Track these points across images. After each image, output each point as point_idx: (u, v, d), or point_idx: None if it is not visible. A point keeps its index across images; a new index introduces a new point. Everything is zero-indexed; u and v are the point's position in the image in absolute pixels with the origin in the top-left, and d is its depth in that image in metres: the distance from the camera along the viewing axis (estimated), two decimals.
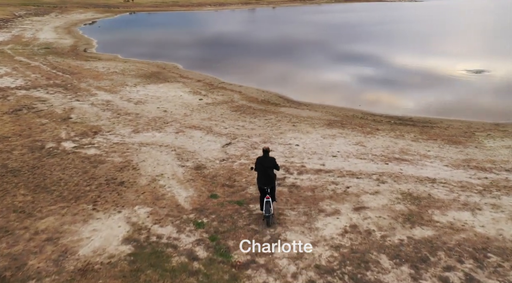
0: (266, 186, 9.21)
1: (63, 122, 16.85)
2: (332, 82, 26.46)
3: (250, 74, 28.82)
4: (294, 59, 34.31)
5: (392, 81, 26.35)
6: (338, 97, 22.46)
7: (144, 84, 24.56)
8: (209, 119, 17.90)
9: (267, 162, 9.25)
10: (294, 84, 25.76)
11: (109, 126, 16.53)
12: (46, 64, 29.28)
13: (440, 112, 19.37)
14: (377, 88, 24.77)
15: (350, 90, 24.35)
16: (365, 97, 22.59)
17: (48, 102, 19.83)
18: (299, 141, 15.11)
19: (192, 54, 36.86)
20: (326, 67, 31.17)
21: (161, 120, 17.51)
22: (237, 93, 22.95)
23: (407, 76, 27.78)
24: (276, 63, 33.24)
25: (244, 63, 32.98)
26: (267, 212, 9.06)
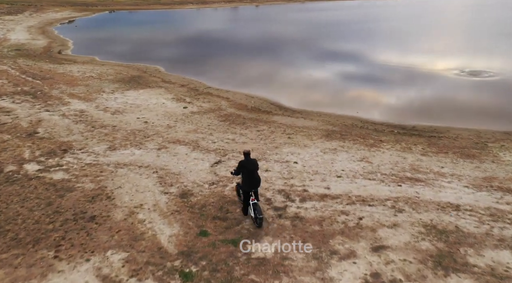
0: (254, 189, 9.13)
1: (28, 139, 14.72)
2: (325, 86, 24.86)
3: (237, 77, 26.99)
4: (283, 61, 32.62)
5: (384, 83, 24.95)
6: (334, 103, 20.88)
7: (123, 90, 22.47)
8: (195, 131, 16.03)
9: (252, 164, 9.15)
10: (284, 88, 24.06)
11: (81, 143, 14.49)
12: (15, 69, 26.82)
13: (444, 119, 17.98)
14: (373, 92, 23.30)
15: (345, 95, 22.81)
16: (362, 103, 21.07)
17: (12, 113, 17.60)
18: (297, 157, 13.41)
19: (175, 56, 34.78)
20: (317, 68, 29.59)
21: (141, 134, 15.54)
22: (224, 100, 21.10)
23: (401, 78, 26.42)
24: (265, 65, 31.49)
25: (230, 66, 31.11)
26: (260, 214, 8.91)
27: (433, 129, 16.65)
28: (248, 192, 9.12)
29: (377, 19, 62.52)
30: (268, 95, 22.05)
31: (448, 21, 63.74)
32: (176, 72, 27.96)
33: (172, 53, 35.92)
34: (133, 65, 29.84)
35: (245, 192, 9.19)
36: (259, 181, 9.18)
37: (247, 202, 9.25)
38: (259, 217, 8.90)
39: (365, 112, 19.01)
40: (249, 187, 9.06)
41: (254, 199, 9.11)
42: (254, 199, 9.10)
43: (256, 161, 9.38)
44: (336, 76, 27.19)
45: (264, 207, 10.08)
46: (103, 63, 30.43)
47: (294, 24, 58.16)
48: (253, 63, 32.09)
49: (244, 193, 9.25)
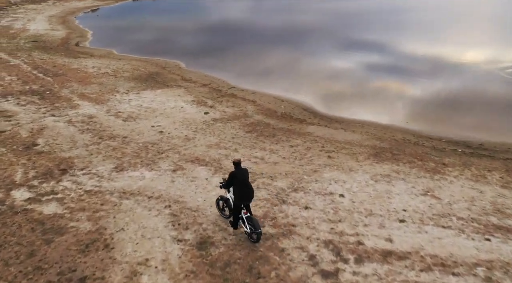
0: (248, 202, 8.18)
1: (24, 153, 12.52)
2: (365, 87, 21.74)
3: (264, 74, 24.18)
4: (312, 54, 29.51)
5: (435, 83, 21.59)
6: (377, 109, 17.87)
7: (139, 90, 20.11)
8: (217, 146, 13.48)
9: (243, 174, 8.15)
10: (317, 88, 21.13)
11: (84, 160, 12.18)
12: (28, 63, 24.87)
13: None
14: (423, 95, 20.01)
15: (390, 99, 19.66)
16: (411, 109, 17.95)
17: (14, 118, 15.48)
18: (342, 187, 10.68)
19: (197, 48, 32.18)
20: (352, 63, 26.35)
21: (155, 149, 13.11)
22: (250, 104, 18.43)
23: (453, 77, 22.95)
24: (294, 58, 28.45)
25: (256, 60, 28.27)
26: (258, 228, 7.96)
27: (508, 149, 13.52)
28: (241, 205, 8.11)
29: (409, 9, 57.91)
30: (299, 98, 19.25)
31: (489, 12, 58.48)
32: (197, 68, 25.42)
33: (194, 45, 33.37)
34: (151, 60, 27.47)
35: (238, 206, 8.13)
36: (253, 192, 8.20)
37: (238, 216, 8.23)
38: (258, 231, 7.93)
39: (416, 122, 15.98)
40: (242, 200, 8.06)
41: (247, 212, 8.16)
42: (246, 213, 8.15)
43: (247, 170, 8.28)
44: (375, 73, 23.95)
45: (309, 271, 7.45)
46: (120, 58, 28.19)
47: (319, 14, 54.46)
48: (280, 57, 29.15)
49: (236, 207, 8.18)
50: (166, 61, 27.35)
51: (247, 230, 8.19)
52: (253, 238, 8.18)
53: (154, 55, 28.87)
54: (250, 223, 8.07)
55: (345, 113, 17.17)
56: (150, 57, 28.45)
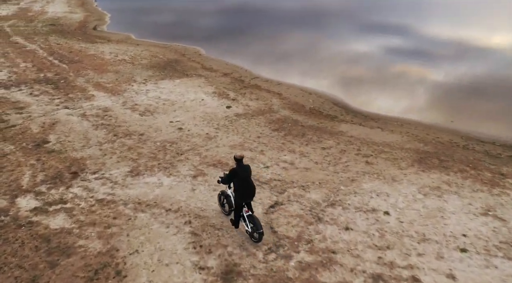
0: (250, 200, 7.75)
1: (34, 152, 11.48)
2: (402, 78, 19.88)
3: (289, 63, 22.52)
4: (342, 40, 27.53)
5: (481, 74, 19.55)
6: (416, 104, 16.13)
7: (157, 79, 18.85)
8: (241, 146, 12.16)
9: (246, 171, 7.62)
10: (349, 80, 19.42)
11: (97, 161, 11.06)
12: (44, 48, 23.88)
13: None
14: (469, 89, 18.06)
15: (431, 92, 17.77)
16: (456, 105, 16.12)
17: (26, 111, 14.48)
18: (386, 202, 9.24)
19: (217, 33, 30.60)
20: (386, 53, 24.34)
21: (174, 149, 11.89)
22: (276, 97, 16.95)
23: (498, 67, 20.80)
24: (321, 44, 26.58)
25: (280, 46, 26.53)
26: (260, 228, 7.51)
27: None
28: (242, 203, 7.67)
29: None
30: (329, 91, 17.65)
31: None
32: (218, 55, 23.96)
33: (214, 29, 31.79)
34: (170, 46, 26.11)
35: (239, 204, 7.68)
36: (254, 190, 7.73)
37: (240, 214, 7.79)
38: (260, 231, 7.52)
39: (463, 121, 14.23)
40: (243, 197, 7.61)
41: (248, 210, 7.73)
42: (248, 211, 7.72)
43: (249, 167, 7.73)
44: (411, 61, 21.95)
45: None
46: (138, 43, 26.92)
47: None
48: (305, 41, 27.29)
49: (237, 205, 7.75)
50: (186, 47, 25.95)
51: (248, 229, 7.78)
52: (254, 238, 7.75)
53: (173, 41, 27.50)
54: (252, 222, 7.64)
55: (380, 109, 15.51)
56: (169, 42, 27.10)
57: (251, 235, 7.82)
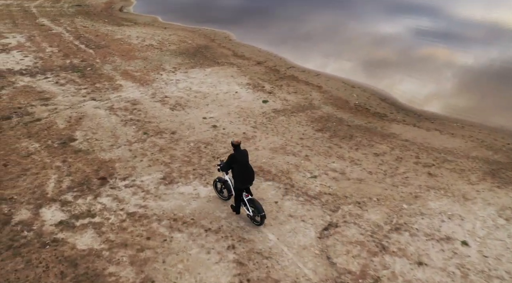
0: (250, 184, 7.70)
1: (59, 151, 10.51)
2: (459, 70, 17.86)
3: (328, 51, 20.75)
4: (386, 25, 25.37)
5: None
6: (477, 103, 14.30)
7: (187, 68, 17.58)
8: (283, 149, 10.84)
9: (245, 155, 7.56)
10: (397, 72, 17.57)
11: (127, 164, 9.99)
12: (70, 32, 22.90)
13: None
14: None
15: (496, 88, 15.74)
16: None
17: (52, 102, 13.53)
18: (461, 228, 7.80)
19: (249, 16, 28.86)
20: (441, 42, 22.08)
21: (209, 151, 10.69)
22: (316, 90, 15.43)
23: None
24: (362, 31, 24.52)
25: (316, 31, 24.64)
26: (262, 211, 7.48)
27: None
28: (242, 188, 7.66)
29: None
30: (373, 83, 15.96)
31: None
32: (249, 41, 22.40)
33: (244, 11, 30.07)
34: (199, 30, 24.66)
35: (239, 189, 7.66)
36: (254, 174, 7.75)
37: (240, 199, 7.79)
38: (262, 214, 7.54)
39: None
40: (243, 182, 7.61)
41: (248, 194, 7.74)
42: (248, 195, 7.73)
43: (247, 151, 7.80)
44: (471, 53, 19.76)
45: None
46: (166, 26, 25.60)
47: None
48: (342, 26, 25.26)
49: (237, 190, 7.73)
50: (215, 31, 24.46)
51: (250, 213, 7.75)
52: (256, 221, 7.76)
53: (201, 24, 26.04)
54: (252, 205, 7.61)
55: (435, 106, 13.80)
56: (197, 26, 25.66)
57: (252, 219, 7.81)
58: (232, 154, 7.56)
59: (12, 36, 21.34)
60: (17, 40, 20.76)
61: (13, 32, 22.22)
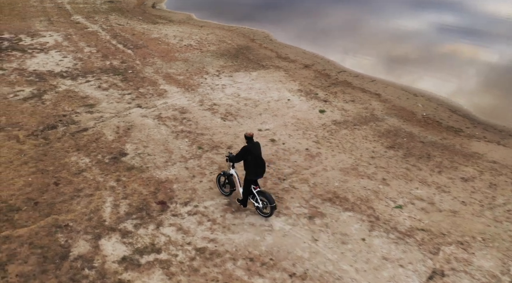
0: (261, 176, 7.83)
1: (111, 168, 9.58)
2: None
3: (383, 52, 19.26)
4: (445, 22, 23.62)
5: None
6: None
7: (231, 71, 16.49)
8: (355, 171, 9.63)
9: (257, 148, 7.68)
10: (467, 79, 16.00)
11: (186, 185, 8.99)
12: (106, 30, 22.08)
13: None
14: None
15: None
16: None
17: (96, 110, 12.65)
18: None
19: (287, 13, 27.45)
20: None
21: (274, 172, 9.58)
22: (374, 98, 14.10)
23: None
24: (418, 28, 22.89)
25: (363, 29, 23.10)
26: (273, 202, 7.52)
27: None
28: (252, 180, 7.67)
29: None
30: (437, 91, 14.50)
31: None
32: (291, 41, 21.13)
33: (282, 7, 28.64)
34: (236, 29, 23.49)
35: (249, 181, 7.65)
36: (265, 167, 7.79)
37: (249, 191, 7.77)
38: (273, 205, 7.51)
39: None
40: (256, 174, 7.67)
41: (257, 187, 7.73)
42: (257, 187, 7.73)
43: (259, 143, 7.78)
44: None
45: None
46: (202, 24, 24.52)
47: None
48: (400, 24, 23.59)
49: (247, 182, 7.70)
50: (253, 30, 23.24)
51: (259, 205, 7.76)
52: (265, 213, 7.80)
53: (237, 22, 24.84)
54: (263, 197, 7.64)
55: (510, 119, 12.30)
56: (234, 24, 24.46)
57: (260, 211, 7.84)
58: (246, 146, 7.62)
59: (49, 35, 20.66)
60: (54, 39, 20.05)
61: (49, 30, 21.55)
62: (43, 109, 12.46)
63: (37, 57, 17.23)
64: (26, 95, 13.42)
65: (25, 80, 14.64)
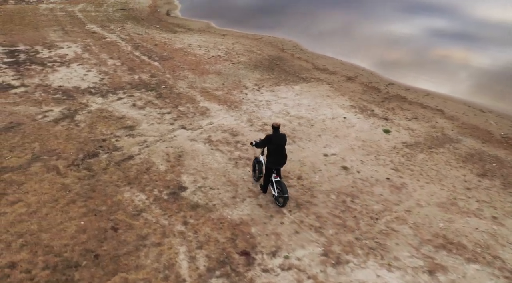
0: (280, 166, 8.11)
1: (173, 207, 8.16)
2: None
3: (429, 62, 18.04)
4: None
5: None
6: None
7: (270, 84, 15.16)
8: (455, 206, 8.31)
9: (281, 139, 7.94)
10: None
11: (265, 229, 7.61)
12: (125, 40, 20.68)
13: None
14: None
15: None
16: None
17: (138, 132, 11.22)
18: None
19: (310, 20, 26.22)
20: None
21: (361, 209, 8.23)
22: (438, 115, 12.85)
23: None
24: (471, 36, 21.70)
25: (399, 34, 21.91)
26: (286, 192, 7.80)
27: None
28: (272, 168, 7.98)
29: None
30: (507, 106, 13.28)
31: None
32: (322, 50, 19.89)
33: (303, 12, 27.41)
34: (261, 38, 22.22)
35: (269, 168, 8.00)
36: (286, 158, 8.03)
37: (269, 179, 8.12)
38: (285, 196, 7.79)
39: None
40: (274, 163, 7.93)
41: (277, 176, 8.02)
42: (277, 176, 8.01)
43: (285, 136, 8.09)
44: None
45: None
46: (223, 33, 23.22)
47: None
48: (445, 29, 22.47)
49: (267, 170, 8.04)
50: (279, 39, 21.99)
51: (275, 194, 8.09)
52: (279, 202, 8.04)
53: (260, 30, 23.59)
54: (279, 186, 7.92)
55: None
56: (257, 33, 23.19)
57: (276, 199, 8.11)
58: (269, 134, 7.95)
59: (67, 46, 19.22)
60: (73, 50, 18.62)
61: (66, 41, 20.11)
62: (78, 133, 11.00)
63: (59, 71, 15.78)
64: (56, 116, 11.97)
65: (52, 99, 13.19)
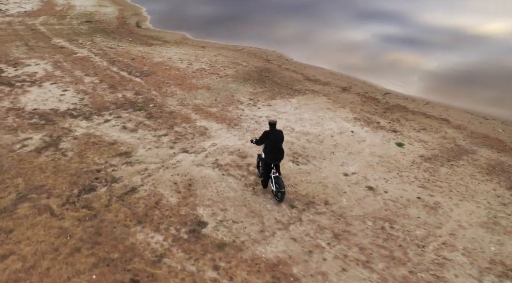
0: (277, 162, 8.26)
1: (197, 248, 7.06)
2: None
3: (422, 67, 17.99)
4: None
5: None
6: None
7: (265, 98, 14.38)
8: (499, 226, 7.90)
9: (277, 135, 8.15)
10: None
11: (308, 268, 6.75)
12: (99, 55, 19.10)
13: None
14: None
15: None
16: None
17: (136, 159, 9.95)
18: None
19: (284, 28, 25.76)
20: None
21: (405, 237, 7.55)
22: (445, 125, 12.59)
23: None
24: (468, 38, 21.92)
25: (379, 42, 21.86)
26: (282, 188, 8.02)
27: None
28: (270, 164, 8.18)
29: None
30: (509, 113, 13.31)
31: None
32: (307, 60, 19.43)
33: (277, 21, 26.95)
34: (243, 49, 21.45)
35: (267, 164, 8.19)
36: (283, 154, 8.22)
37: (268, 174, 8.31)
38: (282, 190, 8.01)
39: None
40: (272, 159, 8.13)
41: (276, 172, 8.23)
42: (276, 172, 8.22)
43: (282, 132, 8.27)
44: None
45: None
46: (202, 45, 22.22)
47: None
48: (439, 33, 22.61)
49: (266, 165, 8.23)
50: (262, 50, 21.35)
51: (273, 189, 8.27)
52: (277, 197, 8.22)
53: (238, 41, 22.83)
54: (276, 182, 8.10)
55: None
56: (237, 43, 22.39)
57: (275, 195, 8.28)
58: (266, 131, 8.11)
59: (34, 63, 17.41)
60: (42, 67, 16.86)
61: (32, 57, 18.25)
62: (67, 163, 9.57)
63: (30, 92, 14.09)
64: (38, 144, 10.44)
65: (28, 124, 11.59)
